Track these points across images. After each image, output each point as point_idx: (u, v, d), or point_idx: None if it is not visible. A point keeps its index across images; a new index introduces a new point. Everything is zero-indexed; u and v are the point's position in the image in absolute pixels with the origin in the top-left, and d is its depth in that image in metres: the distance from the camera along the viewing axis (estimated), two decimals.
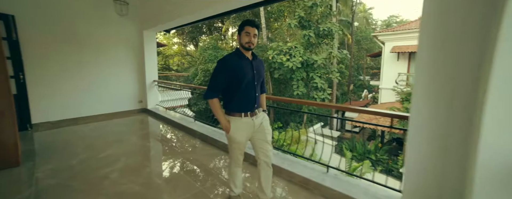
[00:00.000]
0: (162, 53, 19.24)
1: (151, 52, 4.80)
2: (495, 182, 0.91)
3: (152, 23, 4.21)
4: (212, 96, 1.39)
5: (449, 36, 1.12)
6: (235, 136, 1.42)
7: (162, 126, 3.92)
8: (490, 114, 0.89)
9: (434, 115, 1.21)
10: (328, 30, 10.18)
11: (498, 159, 0.89)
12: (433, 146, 1.22)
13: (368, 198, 1.55)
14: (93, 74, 4.17)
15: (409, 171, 1.32)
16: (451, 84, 1.13)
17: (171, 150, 2.85)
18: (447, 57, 1.14)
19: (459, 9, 1.09)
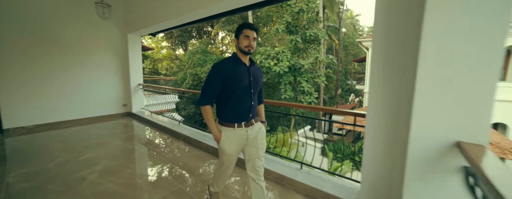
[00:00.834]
0: (150, 57, 18.98)
1: (136, 56, 4.80)
2: (420, 166, 1.07)
3: (136, 26, 4.23)
4: (205, 103, 1.30)
5: (393, 49, 1.29)
6: (225, 147, 1.33)
7: (146, 129, 3.91)
8: (416, 114, 1.06)
9: (384, 114, 1.36)
10: (315, 36, 10.56)
11: (421, 148, 1.06)
12: (384, 140, 1.37)
13: (335, 190, 1.69)
14: (74, 77, 4.11)
15: (366, 163, 1.46)
16: (396, 87, 1.29)
17: (154, 152, 2.87)
18: (392, 66, 1.30)
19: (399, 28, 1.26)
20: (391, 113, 1.33)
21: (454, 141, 1.00)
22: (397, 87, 1.29)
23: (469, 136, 0.97)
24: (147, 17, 3.84)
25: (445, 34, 0.98)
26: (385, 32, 1.32)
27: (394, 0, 1.27)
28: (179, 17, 3.21)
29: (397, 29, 1.27)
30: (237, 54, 1.35)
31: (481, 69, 0.93)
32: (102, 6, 3.93)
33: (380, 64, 1.35)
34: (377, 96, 1.38)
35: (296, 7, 10.36)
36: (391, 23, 1.29)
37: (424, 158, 1.08)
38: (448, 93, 1.00)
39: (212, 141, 2.92)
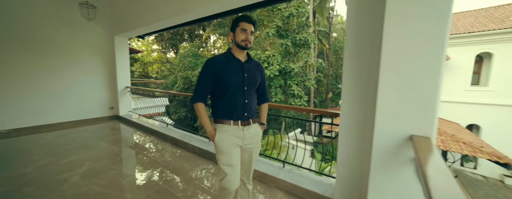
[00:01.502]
0: (140, 60, 18.71)
1: (123, 58, 4.76)
2: (383, 158, 1.18)
3: (123, 29, 4.20)
4: (197, 100, 1.25)
5: (362, 55, 1.42)
6: (221, 144, 1.22)
7: (134, 132, 3.88)
8: (379, 111, 1.18)
9: (355, 113, 1.48)
10: (305, 40, 10.85)
11: (384, 137, 1.18)
12: (355, 138, 1.49)
13: (313, 186, 1.78)
14: (58, 80, 4.03)
15: (340, 160, 1.57)
16: (365, 88, 1.41)
17: (140, 153, 2.87)
18: (361, 69, 1.43)
19: (367, 38, 1.40)
20: (361, 112, 1.45)
21: (408, 135, 1.13)
22: (365, 87, 1.41)
23: (420, 130, 1.09)
24: (134, 19, 3.82)
25: (399, 43, 1.11)
26: (355, 42, 1.44)
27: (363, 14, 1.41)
28: (167, 20, 3.15)
29: (365, 39, 1.40)
30: (231, 49, 1.28)
31: (426, 72, 1.06)
32: (87, 7, 3.84)
33: (351, 67, 1.47)
34: (349, 97, 1.50)
35: (286, 11, 10.64)
36: (360, 34, 1.42)
37: (386, 152, 1.19)
38: (403, 92, 1.12)
39: (199, 142, 2.95)
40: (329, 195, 1.65)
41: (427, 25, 1.04)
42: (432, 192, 0.56)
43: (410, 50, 1.09)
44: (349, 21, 1.46)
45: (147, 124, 4.02)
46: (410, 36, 1.08)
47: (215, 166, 2.40)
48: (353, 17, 1.44)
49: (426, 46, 1.05)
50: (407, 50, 1.09)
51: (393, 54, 1.13)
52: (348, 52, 1.47)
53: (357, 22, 1.43)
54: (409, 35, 1.08)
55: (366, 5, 1.38)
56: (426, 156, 0.83)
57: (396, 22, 1.10)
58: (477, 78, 9.54)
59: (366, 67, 1.41)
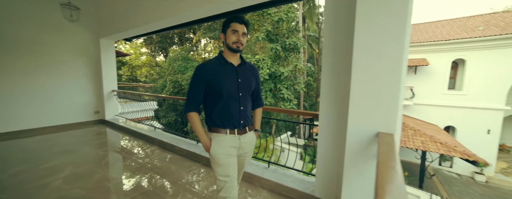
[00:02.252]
0: (128, 63, 18.31)
1: (109, 61, 4.69)
2: (354, 154, 1.30)
3: (109, 31, 4.13)
4: (189, 109, 1.18)
5: (337, 60, 1.55)
6: (218, 155, 1.15)
7: (120, 136, 3.81)
8: (351, 111, 1.30)
9: (332, 113, 1.59)
10: (294, 44, 11.12)
11: (355, 135, 1.29)
12: (332, 137, 1.60)
13: (295, 184, 1.87)
14: (39, 83, 3.90)
15: (319, 158, 1.67)
16: (341, 90, 1.54)
17: (126, 157, 2.83)
18: (337, 72, 1.56)
19: (341, 47, 1.53)
20: (337, 113, 1.56)
21: (376, 132, 1.25)
22: (341, 90, 1.54)
23: (385, 127, 1.22)
24: (121, 22, 3.77)
25: (367, 51, 1.24)
26: (332, 47, 1.57)
27: (337, 22, 1.55)
28: (156, 23, 3.07)
29: (340, 45, 1.53)
30: (223, 52, 1.21)
31: (389, 76, 1.20)
32: (69, 8, 3.67)
33: (328, 71, 1.59)
34: (327, 98, 1.61)
35: (276, 16, 10.89)
36: (336, 39, 1.55)
37: (357, 148, 1.31)
38: (371, 94, 1.25)
39: (186, 144, 2.97)
40: (310, 191, 1.74)
41: (389, 37, 1.18)
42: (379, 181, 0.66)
43: (376, 58, 1.22)
44: (326, 34, 1.59)
45: (135, 128, 3.97)
46: (375, 46, 1.22)
47: (203, 168, 2.43)
48: (328, 30, 1.57)
49: (388, 55, 1.19)
50: (373, 57, 1.23)
51: (362, 61, 1.26)
52: (325, 59, 1.60)
53: (333, 35, 1.55)
54: (375, 45, 1.22)
55: (340, 19, 1.51)
56: (385, 150, 0.94)
57: (363, 35, 1.24)
58: (453, 82, 10.21)
59: (341, 72, 1.53)
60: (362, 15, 1.24)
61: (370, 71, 1.24)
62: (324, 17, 1.61)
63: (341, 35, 1.51)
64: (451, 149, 6.18)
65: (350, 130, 1.31)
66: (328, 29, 1.57)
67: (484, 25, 9.80)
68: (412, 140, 7.28)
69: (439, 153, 6.31)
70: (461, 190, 7.49)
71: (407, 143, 7.24)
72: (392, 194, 0.55)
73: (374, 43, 1.22)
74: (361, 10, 1.23)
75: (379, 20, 1.19)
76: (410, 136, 7.53)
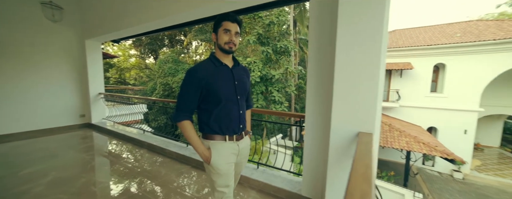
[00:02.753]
0: (116, 65, 17.84)
1: (95, 63, 4.56)
2: (338, 153, 1.37)
3: (95, 32, 4.01)
4: (181, 118, 1.07)
5: (322, 64, 1.64)
6: (219, 165, 1.07)
7: (108, 140, 3.72)
8: (334, 112, 1.38)
9: (317, 114, 1.66)
10: (285, 47, 11.31)
11: (338, 135, 1.37)
12: (318, 137, 1.67)
13: (284, 184, 1.92)
14: (19, 86, 3.72)
15: (306, 159, 1.73)
16: (325, 92, 1.62)
17: (114, 161, 2.77)
18: (321, 75, 1.64)
19: (326, 52, 1.62)
20: (322, 114, 1.64)
21: (357, 132, 1.33)
22: (325, 92, 1.61)
23: (364, 127, 1.30)
24: (108, 23, 3.66)
25: (348, 57, 1.32)
26: (317, 51, 1.65)
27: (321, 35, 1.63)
28: (145, 24, 2.99)
29: (324, 50, 1.61)
30: (216, 53, 1.13)
31: (368, 79, 1.28)
32: (51, 7, 3.52)
33: (313, 75, 1.67)
34: (312, 100, 1.69)
35: (267, 19, 11.05)
36: (320, 44, 1.64)
37: (340, 147, 1.38)
38: (352, 96, 1.33)
39: (176, 147, 2.95)
40: (297, 191, 1.80)
41: (367, 45, 1.26)
42: (351, 176, 0.73)
43: (356, 63, 1.31)
44: (311, 40, 1.66)
45: (123, 131, 3.88)
46: (355, 53, 1.30)
47: (193, 170, 2.43)
48: (313, 37, 1.65)
49: (367, 61, 1.28)
50: (354, 62, 1.31)
51: (343, 66, 1.34)
52: (311, 63, 1.68)
53: (317, 40, 1.63)
54: (354, 52, 1.30)
55: (324, 27, 1.60)
56: (362, 149, 1.01)
57: (344, 43, 1.32)
58: (435, 86, 10.76)
59: (325, 76, 1.61)
60: (342, 25, 1.32)
61: (351, 76, 1.33)
62: (309, 24, 1.69)
63: (325, 41, 1.60)
64: (433, 148, 6.51)
65: (333, 130, 1.38)
66: (312, 36, 1.65)
67: (461, 32, 10.45)
68: (398, 141, 7.57)
69: (422, 152, 6.61)
70: (441, 187, 7.95)
71: (393, 143, 7.52)
72: (360, 188, 0.61)
73: (354, 50, 1.31)
74: (342, 21, 1.32)
75: (358, 29, 1.29)
76: (396, 137, 7.83)
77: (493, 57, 8.92)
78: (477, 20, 11.97)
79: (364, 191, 0.59)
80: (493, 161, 10.37)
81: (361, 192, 0.58)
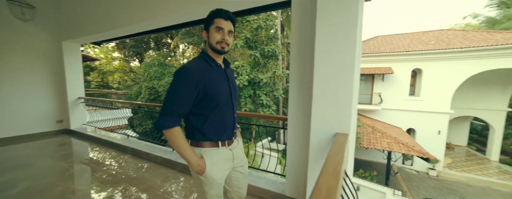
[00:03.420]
0: (98, 68, 17.10)
1: (74, 66, 4.33)
2: (317, 153, 1.45)
3: (73, 34, 3.81)
4: (171, 124, 0.94)
5: (303, 69, 1.73)
6: (214, 175, 0.99)
7: (88, 146, 3.55)
8: (314, 114, 1.46)
9: (299, 116, 1.74)
10: (273, 52, 11.50)
11: (317, 136, 1.45)
12: (299, 138, 1.74)
13: (268, 185, 1.96)
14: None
15: (289, 160, 1.80)
16: (306, 95, 1.70)
17: (95, 167, 2.66)
18: (302, 80, 1.73)
19: (306, 59, 1.72)
20: (303, 116, 1.72)
21: (334, 133, 1.42)
22: (306, 94, 1.70)
23: (341, 128, 1.39)
24: (87, 25, 3.51)
25: (325, 63, 1.42)
26: (298, 54, 1.74)
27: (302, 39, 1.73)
28: (129, 27, 2.90)
29: (305, 55, 1.71)
30: (207, 51, 1.03)
31: (344, 84, 1.38)
32: (20, 5, 3.25)
33: (295, 78, 1.75)
34: (294, 104, 1.77)
35: (254, 23, 11.22)
36: (301, 50, 1.73)
37: (319, 147, 1.46)
38: (330, 98, 1.42)
39: (161, 151, 2.90)
40: (281, 191, 1.85)
41: (343, 54, 1.37)
42: (322, 172, 0.79)
43: (333, 67, 1.41)
44: (293, 47, 1.76)
45: (106, 137, 3.73)
46: (332, 58, 1.40)
47: (179, 174, 2.40)
48: (295, 43, 1.75)
49: (343, 65, 1.38)
50: (331, 69, 1.41)
51: (322, 72, 1.44)
52: (292, 68, 1.77)
53: (298, 47, 1.72)
54: (331, 58, 1.40)
55: (304, 34, 1.70)
56: (336, 148, 1.09)
57: (323, 51, 1.43)
58: (413, 89, 11.46)
59: (305, 81, 1.70)
60: (320, 33, 1.43)
61: (328, 80, 1.42)
62: (291, 30, 1.78)
63: (306, 47, 1.69)
64: (410, 148, 6.91)
65: (313, 132, 1.47)
66: (294, 41, 1.75)
67: (434, 40, 11.30)
68: (380, 142, 7.94)
69: (401, 152, 6.99)
70: (418, 185, 8.51)
71: (375, 144, 7.87)
72: (328, 183, 0.68)
73: (331, 57, 1.41)
74: (319, 29, 1.43)
75: (334, 37, 1.39)
76: (378, 139, 8.21)
77: (460, 63, 9.75)
78: (447, 29, 13.00)
79: (331, 186, 0.65)
80: (461, 159, 11.34)
81: (328, 187, 0.64)
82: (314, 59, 1.45)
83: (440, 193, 7.95)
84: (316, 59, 1.44)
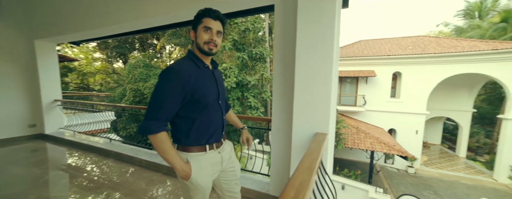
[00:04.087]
0: (77, 69, 16.25)
1: (49, 67, 4.06)
2: (299, 152, 1.51)
3: (48, 32, 3.56)
4: (158, 129, 0.89)
5: (286, 72, 1.80)
6: (200, 181, 0.96)
7: (66, 151, 3.36)
8: (295, 116, 1.52)
9: (282, 117, 1.80)
10: (260, 54, 11.61)
11: (299, 136, 1.51)
12: (283, 138, 1.80)
13: (253, 185, 2.00)
14: None
15: (273, 160, 1.85)
16: (285, 100, 1.77)
17: (74, 173, 2.52)
18: (285, 83, 1.79)
19: (289, 62, 1.79)
20: (286, 117, 1.78)
21: (315, 132, 1.49)
22: (289, 96, 1.76)
23: (320, 128, 1.47)
24: (63, 23, 3.29)
25: (305, 66, 1.50)
26: (281, 57, 1.80)
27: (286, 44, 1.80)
28: (108, 27, 2.76)
29: (287, 58, 1.78)
30: (195, 53, 0.99)
31: (322, 86, 1.46)
32: None
33: (278, 80, 1.81)
34: (277, 105, 1.82)
35: (242, 26, 11.29)
36: (284, 57, 1.80)
37: (301, 146, 1.53)
38: (309, 100, 1.50)
39: (146, 155, 2.83)
40: (266, 191, 1.89)
41: (321, 57, 1.45)
42: (298, 166, 0.85)
43: (312, 70, 1.49)
44: (275, 51, 1.82)
45: (86, 141, 3.56)
46: (311, 63, 1.48)
47: (165, 177, 2.36)
48: (278, 47, 1.82)
49: (322, 68, 1.46)
50: (310, 72, 1.49)
51: (302, 76, 1.52)
52: (276, 71, 1.83)
53: (281, 50, 1.80)
54: (311, 62, 1.48)
55: (287, 39, 1.77)
56: (314, 146, 1.15)
57: (303, 53, 1.50)
58: (394, 92, 12.10)
59: (288, 83, 1.77)
60: (300, 39, 1.51)
61: (308, 82, 1.50)
62: (274, 34, 1.85)
63: (288, 52, 1.76)
64: (391, 148, 7.28)
65: (295, 132, 1.53)
66: (277, 45, 1.82)
67: (412, 45, 12.05)
68: (363, 142, 8.27)
69: (383, 152, 7.34)
70: (398, 182, 9.04)
71: (359, 145, 8.19)
72: (301, 178, 0.73)
73: (310, 61, 1.49)
74: (299, 35, 1.50)
75: (313, 42, 1.47)
76: (362, 139, 8.55)
77: (434, 68, 10.51)
78: (423, 36, 13.94)
79: (304, 180, 0.71)
80: (436, 156, 12.32)
81: (300, 181, 0.69)
82: (295, 62, 1.52)
83: (417, 189, 8.54)
84: (297, 62, 1.52)
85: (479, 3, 15.61)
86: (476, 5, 15.76)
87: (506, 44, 9.12)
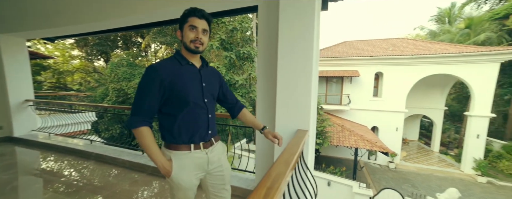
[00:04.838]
0: (52, 67, 15.26)
1: (18, 64, 3.74)
2: (281, 147, 1.56)
3: (16, 26, 3.26)
4: (138, 124, 0.93)
5: (269, 72, 1.84)
6: (181, 180, 0.97)
7: (39, 155, 3.16)
8: (278, 114, 1.57)
9: (266, 115, 1.85)
10: (248, 53, 11.61)
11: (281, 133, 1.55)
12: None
13: (239, 183, 2.03)
14: None
15: (257, 157, 1.89)
16: (269, 99, 1.82)
17: (48, 178, 2.39)
18: (268, 83, 1.84)
19: (272, 62, 1.83)
20: (269, 115, 1.82)
21: (296, 129, 1.54)
22: (272, 94, 1.81)
23: (302, 125, 1.53)
24: (34, 17, 3.02)
25: (287, 67, 1.55)
26: (264, 57, 1.84)
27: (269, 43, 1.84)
28: (86, 24, 2.63)
29: (270, 57, 1.82)
30: (181, 51, 1.02)
31: (303, 85, 1.53)
32: None
33: (262, 79, 1.86)
34: (261, 104, 1.87)
35: (230, 25, 11.23)
36: (267, 53, 1.84)
37: (283, 143, 1.57)
38: (291, 98, 1.55)
39: (130, 155, 2.75)
40: (251, 188, 1.93)
41: (301, 57, 1.51)
42: (277, 160, 0.89)
43: (293, 69, 1.54)
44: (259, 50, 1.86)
45: (63, 143, 3.37)
46: (292, 62, 1.54)
47: (151, 178, 2.31)
48: (261, 47, 1.85)
49: (303, 67, 1.52)
50: (292, 69, 1.55)
51: (284, 76, 1.58)
52: (259, 70, 1.87)
53: (265, 50, 1.84)
54: (292, 61, 1.54)
55: (270, 39, 1.81)
56: (294, 141, 1.21)
57: (284, 53, 1.56)
58: (376, 91, 12.67)
59: (271, 83, 1.82)
60: (282, 40, 1.56)
61: (290, 81, 1.56)
62: (258, 34, 1.88)
63: (271, 52, 1.81)
64: (374, 144, 7.65)
65: (278, 129, 1.58)
66: (261, 45, 1.86)
67: (392, 47, 12.69)
68: (348, 140, 8.59)
69: (366, 148, 7.68)
70: (380, 177, 9.58)
71: (344, 142, 8.50)
72: (278, 170, 0.77)
73: (292, 60, 1.54)
74: (282, 37, 1.56)
75: (294, 43, 1.53)
76: (346, 137, 8.87)
77: (412, 68, 11.20)
78: (402, 38, 14.73)
79: (280, 172, 0.75)
80: (414, 152, 13.29)
81: (277, 173, 0.73)
82: (277, 62, 1.57)
83: (397, 183, 9.14)
84: (279, 62, 1.57)
85: (448, 9, 16.94)
86: (446, 11, 17.12)
87: (470, 48, 10.17)
